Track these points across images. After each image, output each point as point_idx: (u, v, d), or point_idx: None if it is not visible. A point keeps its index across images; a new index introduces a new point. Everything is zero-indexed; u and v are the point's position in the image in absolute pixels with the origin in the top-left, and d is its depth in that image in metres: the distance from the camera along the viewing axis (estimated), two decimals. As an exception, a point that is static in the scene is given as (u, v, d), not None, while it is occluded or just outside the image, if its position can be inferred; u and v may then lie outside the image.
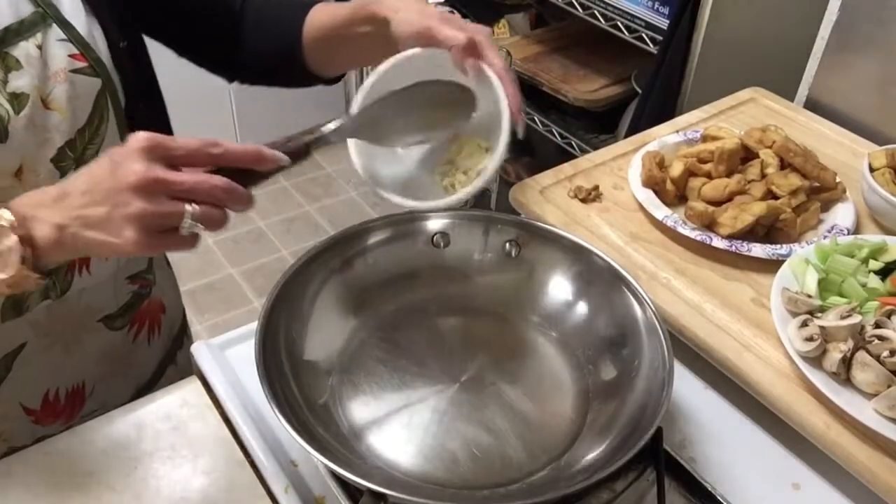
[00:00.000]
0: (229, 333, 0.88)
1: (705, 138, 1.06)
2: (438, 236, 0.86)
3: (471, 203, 1.06)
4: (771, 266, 0.87)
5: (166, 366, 0.99)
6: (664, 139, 1.09)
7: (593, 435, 0.73)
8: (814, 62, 1.23)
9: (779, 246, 0.91)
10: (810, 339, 0.75)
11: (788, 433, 0.77)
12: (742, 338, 0.82)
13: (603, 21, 1.80)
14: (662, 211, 0.96)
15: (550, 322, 0.84)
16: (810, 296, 0.80)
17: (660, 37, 1.64)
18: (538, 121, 2.06)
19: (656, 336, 0.73)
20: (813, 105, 1.24)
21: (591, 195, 1.01)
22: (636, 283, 0.78)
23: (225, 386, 0.81)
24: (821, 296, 0.81)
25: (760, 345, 0.81)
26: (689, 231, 0.92)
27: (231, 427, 0.78)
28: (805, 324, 0.77)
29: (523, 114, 0.72)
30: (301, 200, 2.78)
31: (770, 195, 0.96)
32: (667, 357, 0.71)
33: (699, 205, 0.94)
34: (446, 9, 2.36)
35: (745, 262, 0.91)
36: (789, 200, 0.94)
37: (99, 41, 0.74)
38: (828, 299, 0.81)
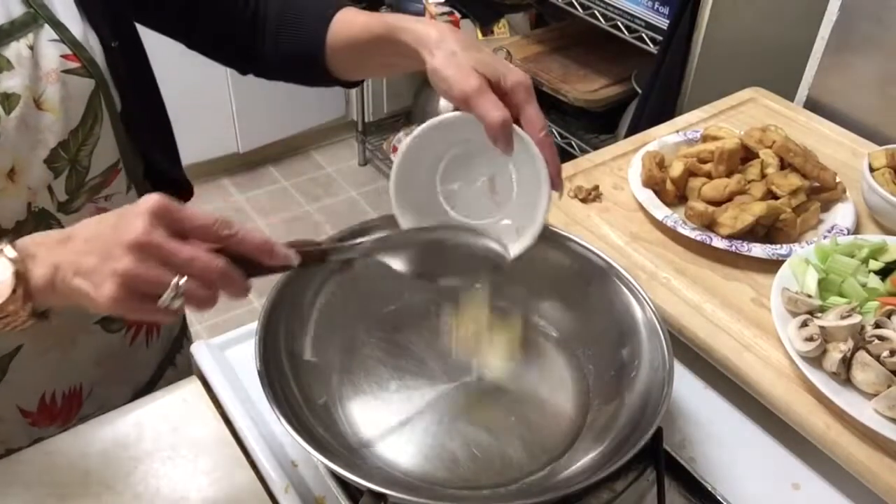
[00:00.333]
0: (229, 333, 0.88)
1: (705, 138, 1.06)
2: (439, 236, 0.86)
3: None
4: (771, 266, 0.87)
5: (165, 368, 0.98)
6: (664, 139, 1.09)
7: (593, 435, 0.73)
8: (814, 62, 1.23)
9: (779, 246, 0.91)
10: (810, 339, 0.75)
11: (788, 433, 0.77)
12: (742, 338, 0.82)
13: (603, 21, 1.80)
14: (662, 211, 0.96)
15: (550, 322, 0.84)
16: (810, 296, 0.80)
17: (660, 37, 1.64)
18: (540, 120, 2.06)
19: (656, 336, 0.73)
20: (813, 105, 1.24)
21: (591, 195, 1.01)
22: (636, 283, 0.78)
23: (225, 386, 0.81)
24: (821, 296, 0.81)
25: (760, 345, 0.81)
26: (689, 231, 0.92)
27: (231, 427, 0.78)
28: (805, 324, 0.77)
29: (562, 179, 0.70)
30: (301, 200, 2.78)
31: (770, 195, 0.96)
32: (667, 357, 0.71)
33: (699, 205, 0.94)
34: (447, 9, 2.37)
35: (745, 262, 0.91)
36: (789, 200, 0.94)
37: (92, 41, 0.74)
38: (828, 299, 0.81)
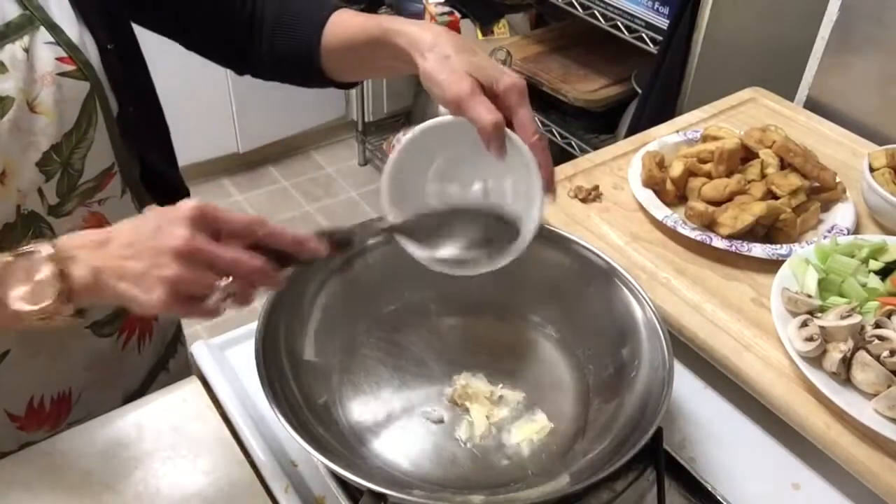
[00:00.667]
0: (229, 333, 0.88)
1: (705, 138, 1.06)
2: (439, 236, 0.86)
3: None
4: (771, 266, 0.87)
5: (157, 373, 0.97)
6: (664, 139, 1.09)
7: (593, 435, 0.73)
8: (814, 62, 1.23)
9: (779, 246, 0.91)
10: (810, 339, 0.75)
11: (788, 433, 0.77)
12: (742, 338, 0.82)
13: (603, 21, 1.80)
14: (662, 211, 0.96)
15: (550, 322, 0.84)
16: (810, 296, 0.80)
17: (660, 37, 1.64)
18: (538, 121, 2.06)
19: (656, 336, 0.73)
20: (813, 105, 1.24)
21: (591, 195, 1.01)
22: (636, 283, 0.78)
23: (225, 386, 0.81)
24: (821, 296, 0.81)
25: (760, 345, 0.81)
26: (689, 231, 0.92)
27: (231, 427, 0.78)
28: (805, 324, 0.77)
29: (555, 182, 0.70)
30: (301, 200, 2.78)
31: (770, 195, 0.96)
32: (667, 357, 0.71)
33: (699, 205, 0.94)
34: (447, 9, 2.37)
35: (745, 262, 0.91)
36: (789, 200, 0.94)
37: (88, 43, 0.73)
38: (828, 299, 0.81)
